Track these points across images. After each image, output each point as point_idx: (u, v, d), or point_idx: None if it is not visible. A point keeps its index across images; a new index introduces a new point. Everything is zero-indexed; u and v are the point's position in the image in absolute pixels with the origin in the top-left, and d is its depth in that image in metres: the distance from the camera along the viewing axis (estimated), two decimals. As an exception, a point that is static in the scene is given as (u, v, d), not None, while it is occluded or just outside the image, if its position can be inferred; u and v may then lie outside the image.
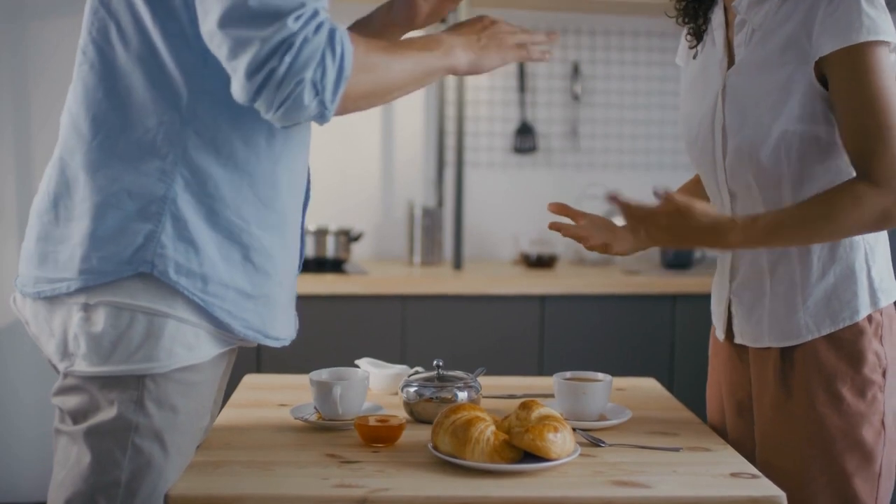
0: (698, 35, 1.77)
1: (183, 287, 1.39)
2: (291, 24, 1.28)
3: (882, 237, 1.65)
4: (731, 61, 1.68)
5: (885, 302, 1.62)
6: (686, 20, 1.79)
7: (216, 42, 1.32)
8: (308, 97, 1.30)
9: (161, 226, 1.38)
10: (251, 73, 1.29)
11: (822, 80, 1.55)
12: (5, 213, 3.45)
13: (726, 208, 1.70)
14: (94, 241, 1.38)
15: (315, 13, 1.31)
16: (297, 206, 1.54)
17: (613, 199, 1.55)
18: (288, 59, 1.28)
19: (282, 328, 1.54)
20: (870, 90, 1.50)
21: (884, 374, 1.59)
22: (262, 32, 1.28)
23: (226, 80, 1.35)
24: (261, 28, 1.28)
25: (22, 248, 1.50)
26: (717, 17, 1.73)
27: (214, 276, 1.41)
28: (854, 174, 1.54)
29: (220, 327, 1.45)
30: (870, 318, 1.60)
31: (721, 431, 1.79)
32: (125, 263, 1.37)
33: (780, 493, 1.39)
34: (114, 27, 1.40)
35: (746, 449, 1.69)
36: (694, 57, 1.78)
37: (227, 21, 1.29)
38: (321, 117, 1.34)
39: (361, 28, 1.73)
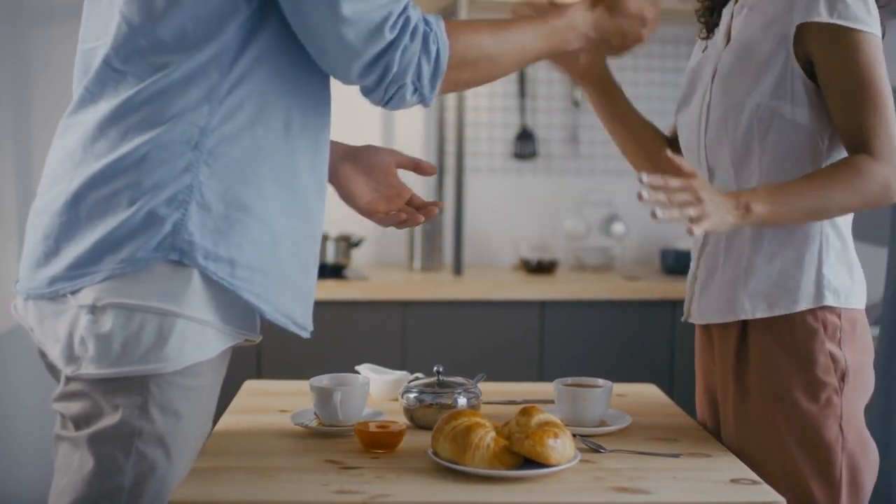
0: (710, 29, 1.81)
1: (211, 272, 1.40)
2: (388, 35, 1.39)
3: (842, 235, 1.64)
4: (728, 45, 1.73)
5: (831, 301, 1.60)
6: (703, 18, 1.83)
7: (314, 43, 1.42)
8: (408, 95, 1.45)
9: (188, 214, 1.39)
10: (357, 77, 1.43)
11: (801, 59, 1.57)
12: (5, 216, 3.45)
13: None
14: (123, 233, 1.38)
15: (407, 18, 1.41)
16: (317, 191, 1.54)
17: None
18: (390, 68, 1.41)
19: (306, 317, 1.54)
20: (857, 66, 1.53)
21: (842, 378, 1.59)
22: (361, 44, 1.39)
23: (252, 65, 1.41)
24: (360, 40, 1.38)
25: (26, 252, 1.48)
26: (727, 9, 1.76)
27: (242, 260, 1.42)
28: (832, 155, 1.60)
29: (245, 316, 1.46)
30: (824, 322, 1.59)
31: (707, 427, 1.80)
32: (153, 251, 1.38)
33: (781, 500, 1.39)
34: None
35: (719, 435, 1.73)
36: (703, 50, 1.82)
37: (327, 26, 1.38)
38: (424, 104, 1.49)
39: None
